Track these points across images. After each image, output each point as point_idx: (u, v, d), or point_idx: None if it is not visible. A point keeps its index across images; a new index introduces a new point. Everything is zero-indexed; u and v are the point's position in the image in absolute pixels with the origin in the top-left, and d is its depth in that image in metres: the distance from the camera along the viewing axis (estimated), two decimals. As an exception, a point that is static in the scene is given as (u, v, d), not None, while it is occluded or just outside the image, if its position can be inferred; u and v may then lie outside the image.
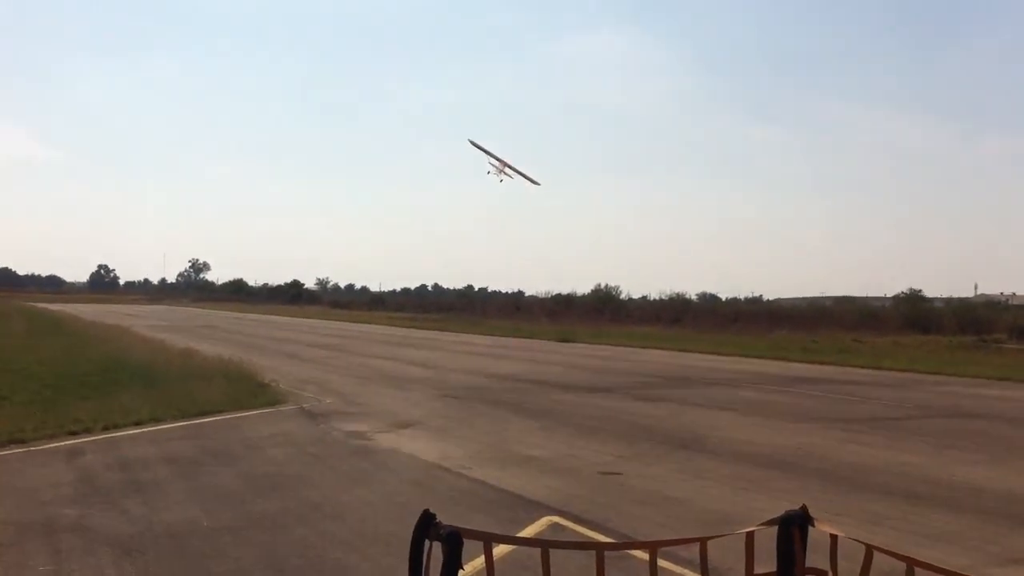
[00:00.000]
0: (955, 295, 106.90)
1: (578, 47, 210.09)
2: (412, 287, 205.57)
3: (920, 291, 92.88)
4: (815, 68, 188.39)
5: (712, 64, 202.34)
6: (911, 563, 3.64)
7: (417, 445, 14.87)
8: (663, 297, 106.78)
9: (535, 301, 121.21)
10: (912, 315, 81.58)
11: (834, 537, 3.84)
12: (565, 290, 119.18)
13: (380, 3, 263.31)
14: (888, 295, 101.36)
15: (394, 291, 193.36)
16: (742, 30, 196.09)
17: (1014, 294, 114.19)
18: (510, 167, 33.75)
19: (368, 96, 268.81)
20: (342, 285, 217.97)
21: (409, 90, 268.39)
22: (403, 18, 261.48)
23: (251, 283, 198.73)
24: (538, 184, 34.36)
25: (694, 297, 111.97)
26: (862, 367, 36.87)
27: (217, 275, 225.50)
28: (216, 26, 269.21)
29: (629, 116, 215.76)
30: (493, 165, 33.83)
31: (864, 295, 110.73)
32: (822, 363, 39.00)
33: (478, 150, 33.31)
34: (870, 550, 3.72)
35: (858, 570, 3.74)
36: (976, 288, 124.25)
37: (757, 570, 3.87)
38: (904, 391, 26.88)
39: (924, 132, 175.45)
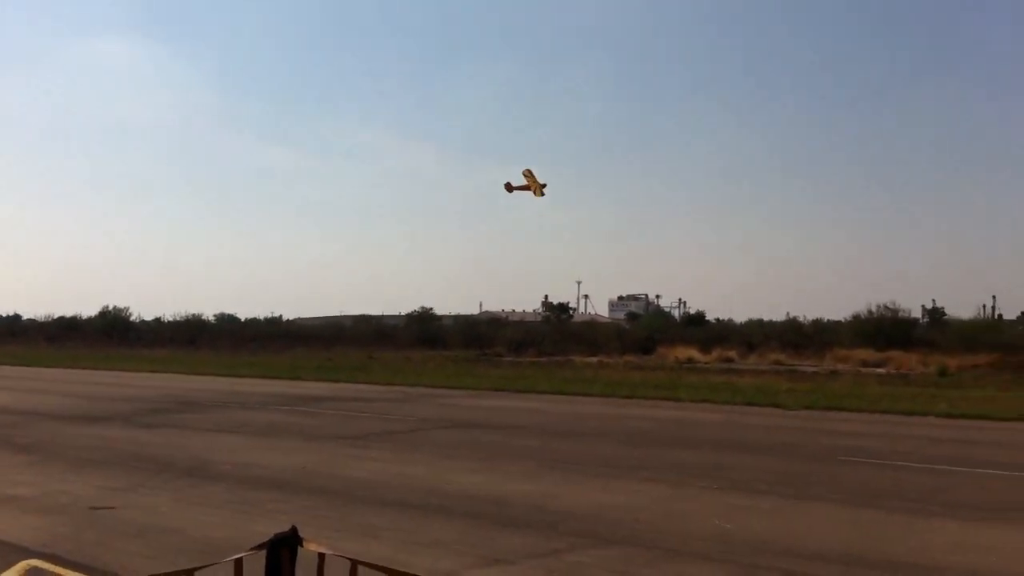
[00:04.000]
0: (463, 312, 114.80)
1: (80, 54, 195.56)
2: None
3: (431, 309, 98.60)
4: (335, 94, 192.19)
5: (232, 83, 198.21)
6: (391, 573, 3.65)
7: None
8: (178, 318, 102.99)
9: (34, 325, 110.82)
10: (422, 332, 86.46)
11: (321, 555, 3.74)
12: (69, 313, 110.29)
13: None
14: (403, 313, 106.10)
15: None
16: (262, 50, 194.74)
17: (514, 311, 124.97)
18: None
19: None
20: None
21: None
22: None
23: None
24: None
25: (211, 318, 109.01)
26: (374, 383, 38.18)
27: None
28: None
29: (137, 132, 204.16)
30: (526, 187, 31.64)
31: (381, 313, 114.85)
32: (336, 381, 39.79)
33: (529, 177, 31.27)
34: (355, 565, 3.68)
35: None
36: (480, 306, 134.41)
37: (249, 596, 3.66)
38: (410, 405, 28.19)
39: (434, 160, 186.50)
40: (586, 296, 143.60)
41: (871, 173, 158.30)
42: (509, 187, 31.75)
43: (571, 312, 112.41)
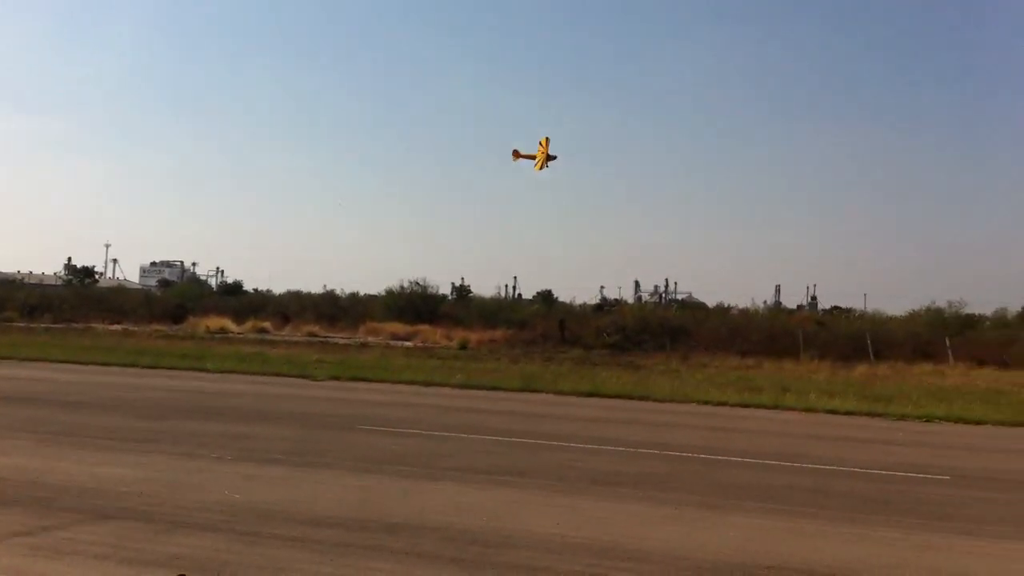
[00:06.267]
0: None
1: None
2: None
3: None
4: None
5: None
6: None
7: None
8: None
9: None
10: (-94, 292, 76.89)
11: None
12: None
13: None
14: None
15: None
16: None
17: (31, 273, 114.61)
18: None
19: None
20: None
21: None
22: None
23: None
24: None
25: None
26: None
27: None
28: None
29: None
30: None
31: None
32: None
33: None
34: None
35: None
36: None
37: None
38: None
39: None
40: (115, 260, 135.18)
41: (419, 164, 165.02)
42: (516, 154, 30.99)
43: (97, 276, 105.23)
